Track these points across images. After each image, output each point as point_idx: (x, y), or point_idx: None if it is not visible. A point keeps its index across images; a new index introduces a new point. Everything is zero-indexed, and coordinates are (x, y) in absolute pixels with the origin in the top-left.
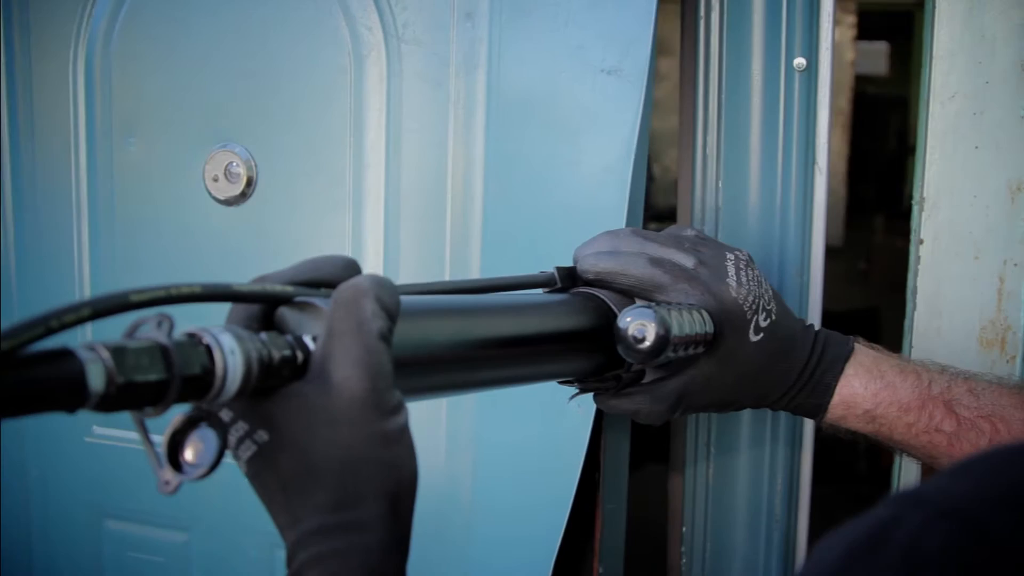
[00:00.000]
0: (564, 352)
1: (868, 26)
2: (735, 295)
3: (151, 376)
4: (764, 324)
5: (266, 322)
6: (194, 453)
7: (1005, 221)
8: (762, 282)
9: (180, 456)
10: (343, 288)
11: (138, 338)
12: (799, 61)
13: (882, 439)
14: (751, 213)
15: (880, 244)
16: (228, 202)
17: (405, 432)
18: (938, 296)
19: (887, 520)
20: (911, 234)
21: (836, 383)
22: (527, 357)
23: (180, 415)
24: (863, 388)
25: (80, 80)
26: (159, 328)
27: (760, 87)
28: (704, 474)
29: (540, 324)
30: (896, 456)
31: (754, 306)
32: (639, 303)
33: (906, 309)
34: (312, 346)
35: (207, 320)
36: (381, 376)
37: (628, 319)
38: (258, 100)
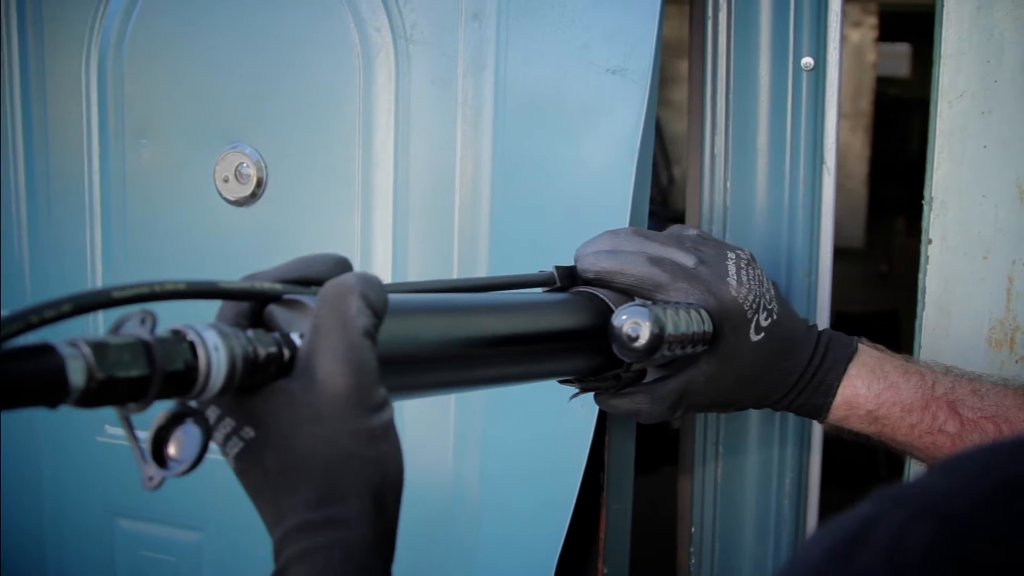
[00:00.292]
0: (560, 351)
1: (889, 28)
2: (735, 294)
3: (132, 372)
4: (765, 324)
5: (256, 320)
6: (178, 449)
7: (1014, 220)
8: (764, 281)
9: (165, 452)
10: (329, 285)
11: (122, 334)
12: (807, 61)
13: (885, 440)
14: (759, 213)
15: (901, 246)
16: (238, 203)
17: (390, 429)
18: (947, 296)
19: (870, 517)
20: (921, 234)
21: (838, 384)
22: (521, 356)
23: (164, 411)
24: (866, 389)
25: (93, 82)
26: (142, 325)
27: (768, 87)
28: (712, 474)
29: (534, 323)
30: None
31: (755, 305)
32: (634, 302)
33: (917, 309)
34: (299, 343)
35: (205, 318)
36: (365, 372)
37: (622, 318)
38: (268, 101)
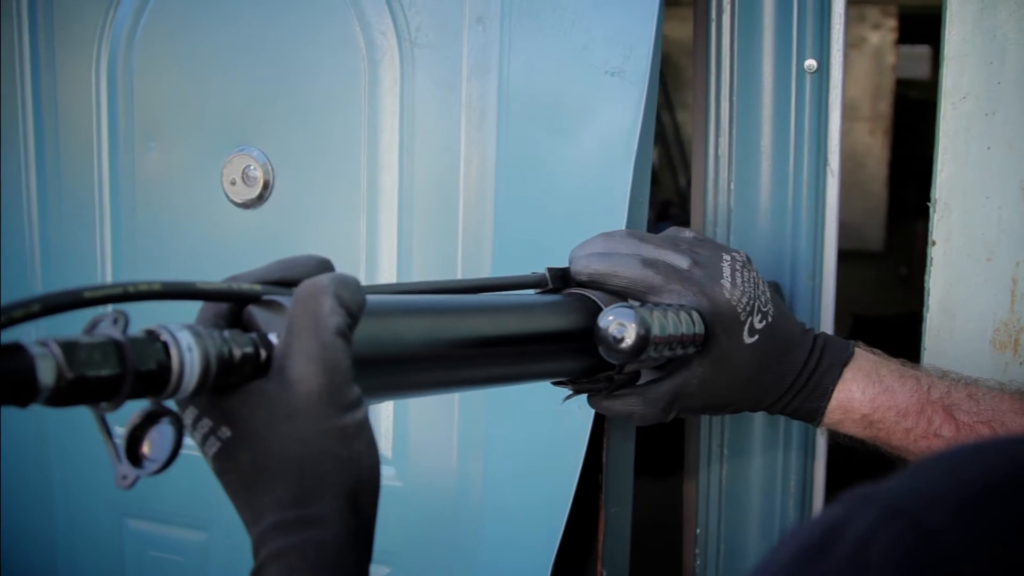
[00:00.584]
0: (548, 353)
1: (909, 30)
2: (728, 296)
3: (103, 371)
4: (759, 326)
5: (236, 321)
6: (151, 448)
7: (1018, 222)
8: (759, 284)
9: (139, 451)
10: (304, 286)
11: (94, 335)
12: (810, 63)
13: (880, 444)
14: (763, 215)
15: (922, 249)
16: (245, 205)
17: (363, 427)
18: (950, 298)
19: (840, 518)
20: (928, 236)
21: (833, 387)
22: (507, 357)
23: (139, 411)
24: (861, 393)
25: (102, 86)
26: (115, 325)
27: (771, 89)
28: (717, 477)
29: (521, 324)
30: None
31: (748, 307)
32: (620, 303)
33: (923, 311)
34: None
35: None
36: (337, 371)
37: (608, 319)
38: (275, 104)
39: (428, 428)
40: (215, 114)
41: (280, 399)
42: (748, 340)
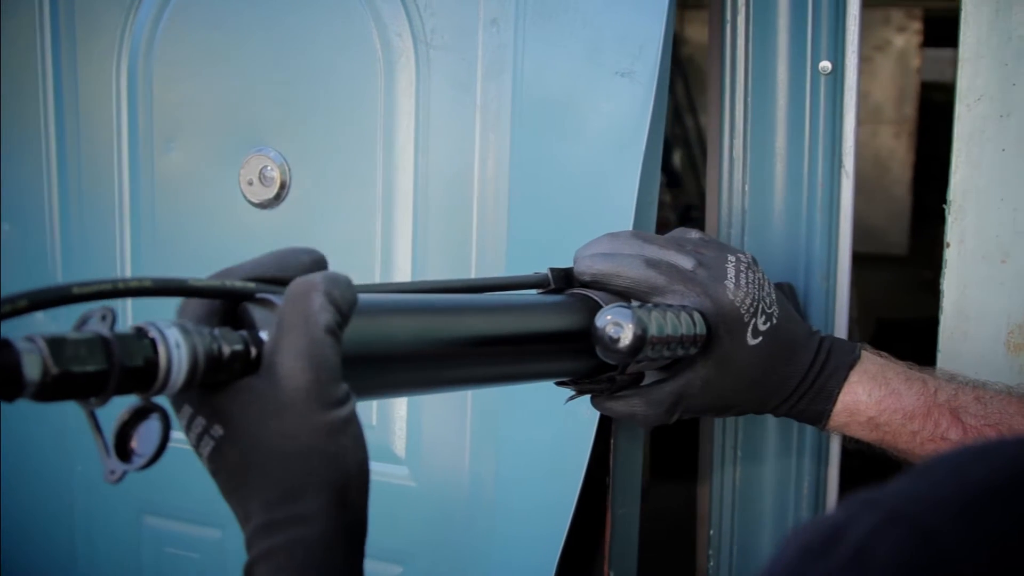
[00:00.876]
0: (547, 353)
1: (934, 32)
2: (732, 297)
3: (89, 367)
4: (763, 328)
5: (230, 317)
6: (139, 444)
7: None
8: (764, 285)
9: (129, 447)
10: (295, 284)
11: (83, 331)
12: (824, 64)
13: (887, 448)
14: (777, 216)
15: None
16: (262, 205)
17: (350, 424)
18: (964, 300)
19: (840, 522)
20: (944, 238)
21: (839, 390)
22: (504, 357)
23: (128, 407)
24: (867, 396)
25: (123, 89)
26: (102, 321)
27: (786, 90)
28: (731, 478)
29: (518, 324)
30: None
31: (752, 309)
32: (618, 303)
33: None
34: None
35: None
36: (325, 368)
37: (606, 318)
38: (292, 105)
39: (441, 429)
40: (233, 115)
41: (268, 395)
42: (752, 342)
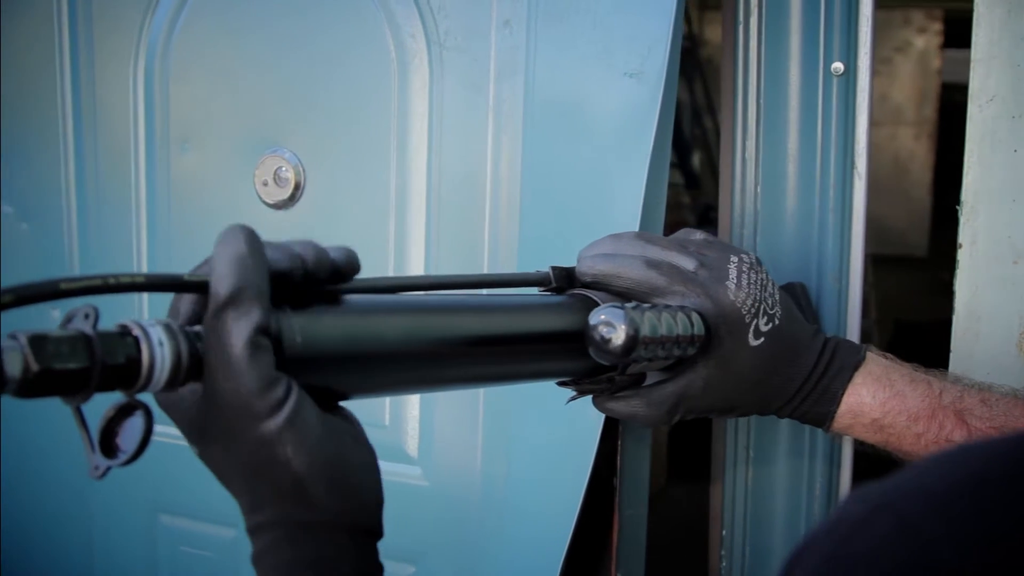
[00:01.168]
0: (543, 353)
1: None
2: (733, 298)
3: (70, 364)
4: (765, 328)
5: None
6: (123, 440)
7: None
8: (767, 286)
9: (114, 443)
10: (211, 298)
11: (68, 328)
12: (836, 66)
13: (891, 450)
14: (789, 217)
15: None
16: (277, 206)
17: (285, 430)
18: (976, 301)
19: (838, 513)
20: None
21: (843, 392)
22: (497, 357)
23: (113, 404)
24: (871, 397)
25: (139, 90)
26: (86, 320)
27: (798, 91)
28: (743, 478)
29: (513, 324)
30: None
31: (754, 310)
32: (611, 303)
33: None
34: None
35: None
36: (245, 384)
37: (600, 317)
38: (306, 106)
39: (453, 429)
40: (248, 116)
41: (211, 415)
42: (754, 342)
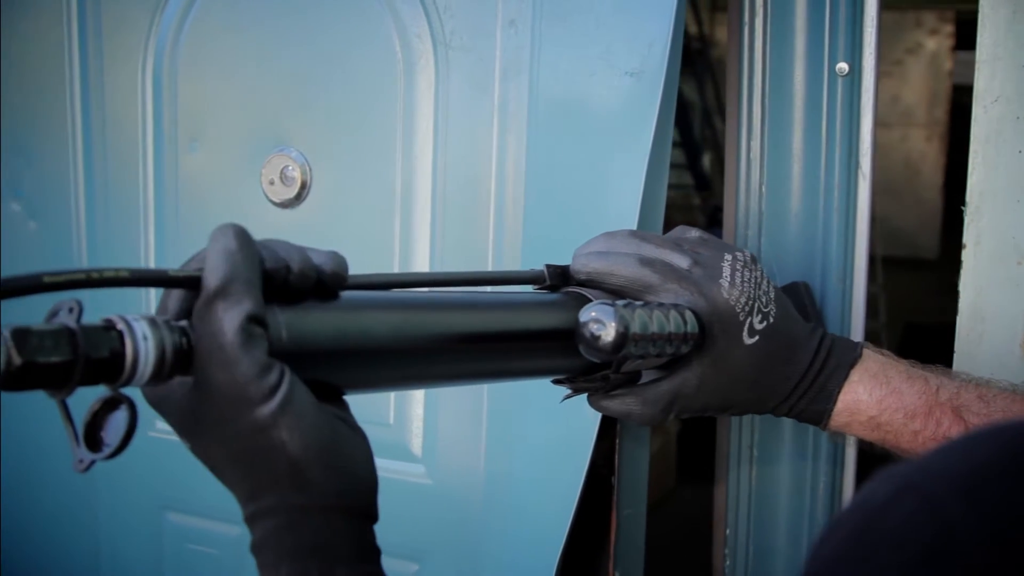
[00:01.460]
0: (535, 350)
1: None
2: (727, 296)
3: (54, 358)
4: (760, 327)
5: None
6: (108, 434)
7: None
8: (761, 284)
9: (99, 436)
10: (203, 288)
11: (52, 322)
12: (841, 66)
13: (889, 447)
14: (794, 217)
15: None
16: (283, 204)
17: (279, 415)
18: (981, 301)
19: (864, 493)
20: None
21: (839, 390)
22: (492, 354)
23: (98, 398)
24: (868, 395)
25: (148, 90)
26: (70, 314)
27: (803, 91)
28: (747, 478)
29: (508, 321)
30: None
31: (747, 308)
32: (601, 300)
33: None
34: None
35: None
36: (240, 371)
37: (590, 314)
38: (313, 105)
39: (457, 428)
40: (255, 116)
41: (203, 406)
42: (748, 341)
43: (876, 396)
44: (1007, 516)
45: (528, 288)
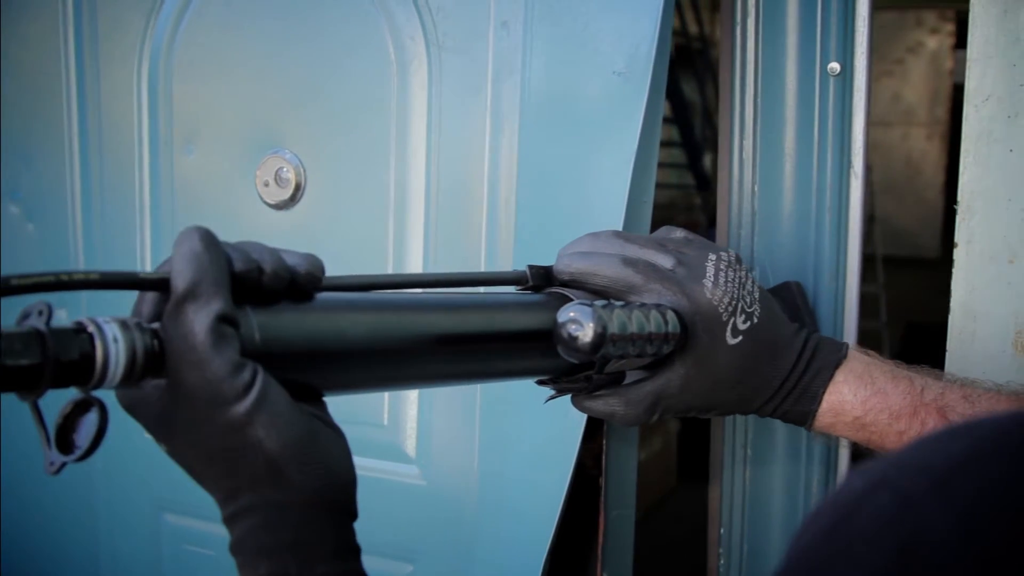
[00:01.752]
0: (518, 352)
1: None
2: (710, 296)
3: (23, 360)
4: (743, 327)
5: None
6: (79, 437)
7: None
8: (745, 284)
9: (71, 438)
10: (170, 301)
11: (22, 325)
12: (833, 66)
13: (874, 448)
14: (786, 217)
15: None
16: (278, 206)
17: (254, 413)
18: (973, 300)
19: (841, 488)
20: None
21: (824, 390)
22: (471, 355)
23: (70, 400)
24: (852, 395)
25: (144, 91)
26: (39, 316)
27: (795, 91)
28: (741, 478)
29: (487, 323)
30: None
31: (730, 308)
32: (579, 301)
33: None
34: None
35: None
36: (211, 371)
37: (568, 315)
38: (307, 107)
39: (451, 429)
40: (249, 118)
41: (176, 408)
42: (731, 341)
43: (861, 397)
44: (980, 512)
45: (511, 289)
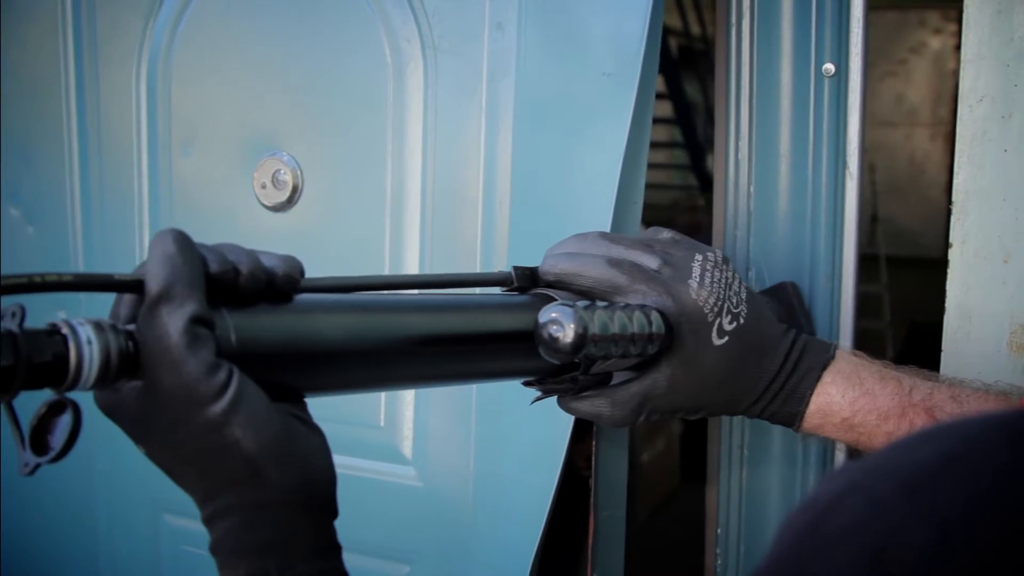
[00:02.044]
0: (501, 353)
1: None
2: (695, 296)
3: None
4: (729, 327)
5: None
6: (54, 438)
7: None
8: (732, 285)
9: (46, 440)
10: (144, 303)
11: None
12: (827, 67)
13: (863, 449)
14: (782, 217)
15: None
16: (275, 208)
17: (230, 412)
18: (967, 300)
19: (815, 492)
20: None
21: (811, 392)
22: (454, 356)
23: (44, 401)
24: (840, 396)
25: (142, 94)
26: (12, 319)
27: (790, 92)
28: (738, 477)
29: (470, 324)
30: None
31: (716, 308)
32: (559, 301)
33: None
34: None
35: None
36: (185, 372)
37: (550, 315)
38: (305, 110)
39: (447, 430)
40: (247, 120)
41: (153, 409)
42: (717, 342)
43: (849, 398)
44: (950, 516)
45: (496, 290)
